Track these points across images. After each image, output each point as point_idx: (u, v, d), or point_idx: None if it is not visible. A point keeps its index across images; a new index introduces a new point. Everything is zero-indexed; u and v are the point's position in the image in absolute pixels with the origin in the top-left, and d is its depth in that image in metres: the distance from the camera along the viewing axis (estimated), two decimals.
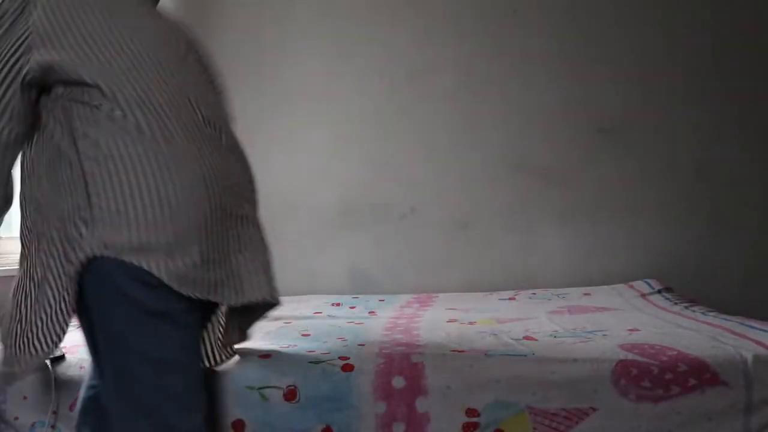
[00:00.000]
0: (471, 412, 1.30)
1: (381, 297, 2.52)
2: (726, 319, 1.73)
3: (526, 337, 1.61)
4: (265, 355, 1.41)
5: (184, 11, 2.78)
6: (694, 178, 2.78)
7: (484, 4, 2.81)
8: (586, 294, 2.41)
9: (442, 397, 1.30)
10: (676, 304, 2.05)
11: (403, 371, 1.32)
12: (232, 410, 1.30)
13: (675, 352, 1.37)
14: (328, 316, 2.07)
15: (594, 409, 1.29)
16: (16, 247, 1.26)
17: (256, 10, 2.80)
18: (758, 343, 1.41)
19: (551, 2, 2.80)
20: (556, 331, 1.69)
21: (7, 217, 1.17)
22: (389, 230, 2.79)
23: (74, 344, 1.43)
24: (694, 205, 2.77)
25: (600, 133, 2.79)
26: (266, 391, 1.31)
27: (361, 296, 2.55)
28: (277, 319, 1.96)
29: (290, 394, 1.31)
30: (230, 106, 1.33)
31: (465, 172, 2.80)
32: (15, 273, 1.16)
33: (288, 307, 2.21)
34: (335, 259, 2.77)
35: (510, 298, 2.43)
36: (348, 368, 1.35)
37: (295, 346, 1.55)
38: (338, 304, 2.33)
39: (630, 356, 1.36)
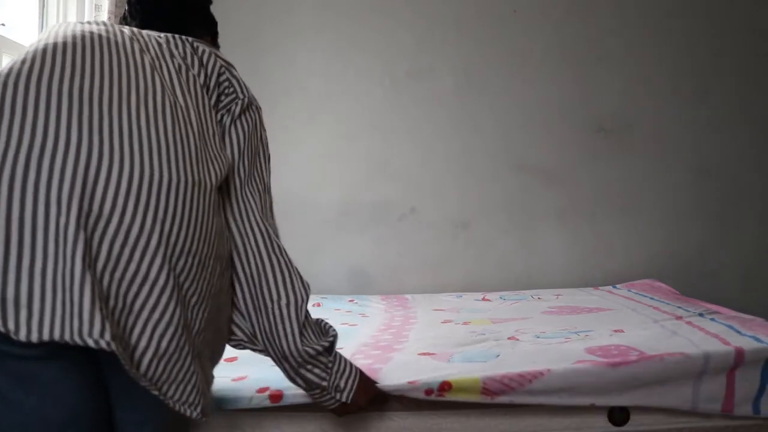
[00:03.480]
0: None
1: (350, 298, 2.52)
2: (714, 320, 1.73)
3: (511, 338, 1.62)
4: (230, 359, 1.40)
5: None
6: (694, 178, 2.78)
7: (484, 4, 2.81)
8: (558, 295, 2.43)
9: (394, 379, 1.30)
10: (667, 304, 2.06)
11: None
12: None
13: (636, 353, 1.39)
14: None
15: (549, 370, 1.29)
16: None
17: (255, 10, 2.80)
18: (726, 343, 1.42)
19: (551, 2, 2.80)
20: (543, 332, 1.70)
21: None
22: (389, 230, 2.79)
23: None
24: (694, 205, 2.77)
25: (600, 133, 2.79)
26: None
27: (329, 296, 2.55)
28: None
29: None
30: None
31: (465, 172, 2.80)
32: None
33: None
34: (335, 259, 2.77)
35: (483, 299, 2.44)
36: None
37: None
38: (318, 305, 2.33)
39: (590, 358, 1.37)
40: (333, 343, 1.14)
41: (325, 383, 1.11)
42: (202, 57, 1.06)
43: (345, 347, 1.53)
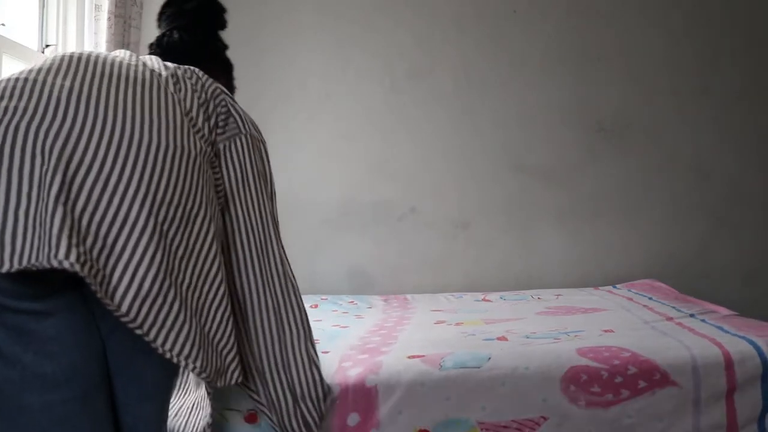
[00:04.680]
0: None
1: (351, 299, 2.51)
2: (704, 321, 1.73)
3: (500, 338, 1.62)
4: None
5: None
6: (694, 178, 2.78)
7: (484, 4, 2.81)
8: (558, 295, 2.43)
9: (393, 424, 1.31)
10: (664, 304, 2.05)
11: (357, 405, 1.31)
12: None
13: (628, 354, 1.39)
14: (315, 320, 2.06)
15: (545, 419, 1.31)
16: None
17: (255, 10, 2.80)
18: (715, 343, 1.43)
19: (551, 2, 2.80)
20: (533, 332, 1.70)
21: None
22: (389, 230, 2.79)
23: None
24: (694, 205, 2.77)
25: (600, 133, 2.79)
26: (227, 413, 1.30)
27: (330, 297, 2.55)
28: None
29: (251, 417, 1.29)
30: None
31: (465, 172, 2.80)
32: None
33: None
34: (335, 259, 2.77)
35: (484, 299, 2.44)
36: None
37: None
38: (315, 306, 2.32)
39: (583, 361, 1.37)
40: (330, 396, 1.20)
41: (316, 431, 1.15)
42: (205, 83, 1.12)
43: (332, 351, 1.53)
